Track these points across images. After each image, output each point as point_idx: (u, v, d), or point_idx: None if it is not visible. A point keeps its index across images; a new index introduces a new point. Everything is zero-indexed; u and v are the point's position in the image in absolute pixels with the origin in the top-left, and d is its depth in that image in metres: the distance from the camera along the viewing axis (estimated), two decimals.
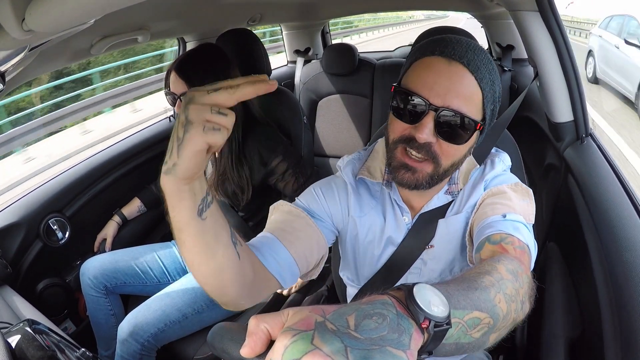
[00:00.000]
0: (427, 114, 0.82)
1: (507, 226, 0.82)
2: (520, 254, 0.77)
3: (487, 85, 0.85)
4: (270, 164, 1.58)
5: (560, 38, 1.39)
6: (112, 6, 0.71)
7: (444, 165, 0.88)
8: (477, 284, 0.60)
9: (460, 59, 0.82)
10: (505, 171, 1.02)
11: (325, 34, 3.39)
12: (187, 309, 1.51)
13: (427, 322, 0.46)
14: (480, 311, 0.56)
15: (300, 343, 0.39)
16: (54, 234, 1.72)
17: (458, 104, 0.82)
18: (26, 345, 0.85)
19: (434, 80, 0.82)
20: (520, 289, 0.67)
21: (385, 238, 1.04)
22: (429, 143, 0.84)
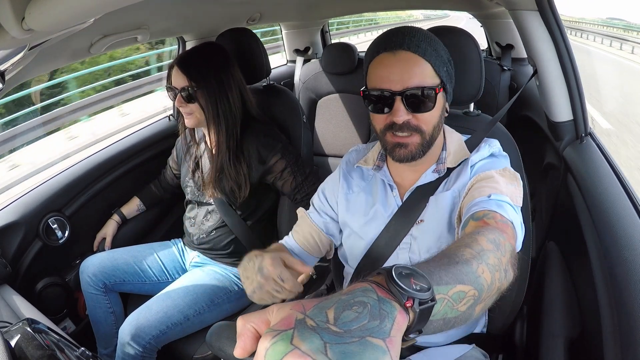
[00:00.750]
0: (395, 100, 0.97)
1: (490, 204, 0.89)
2: (503, 226, 0.82)
3: (431, 56, 0.98)
4: (268, 162, 1.58)
5: (559, 37, 1.39)
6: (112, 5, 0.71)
7: (428, 131, 1.01)
8: (458, 258, 0.63)
9: (401, 46, 0.97)
10: (494, 155, 1.09)
11: (324, 33, 3.39)
12: (189, 310, 1.51)
13: (411, 302, 0.47)
14: (464, 284, 0.58)
15: (279, 344, 0.40)
16: (54, 233, 1.72)
17: (414, 81, 0.96)
18: (26, 345, 0.85)
19: (388, 72, 0.97)
20: (503, 257, 0.70)
21: (373, 214, 1.14)
22: (407, 120, 0.99)
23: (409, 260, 1.09)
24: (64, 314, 1.73)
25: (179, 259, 1.81)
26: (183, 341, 1.53)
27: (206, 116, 1.55)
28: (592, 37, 23.02)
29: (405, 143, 1.00)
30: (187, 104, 1.53)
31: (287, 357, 0.38)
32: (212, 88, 1.52)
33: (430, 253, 1.06)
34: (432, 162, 1.10)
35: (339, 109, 2.52)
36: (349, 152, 1.27)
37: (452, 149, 1.10)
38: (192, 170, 1.72)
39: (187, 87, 1.50)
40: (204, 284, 1.60)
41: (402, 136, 1.00)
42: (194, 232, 1.73)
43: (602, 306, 0.94)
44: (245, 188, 1.58)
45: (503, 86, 2.40)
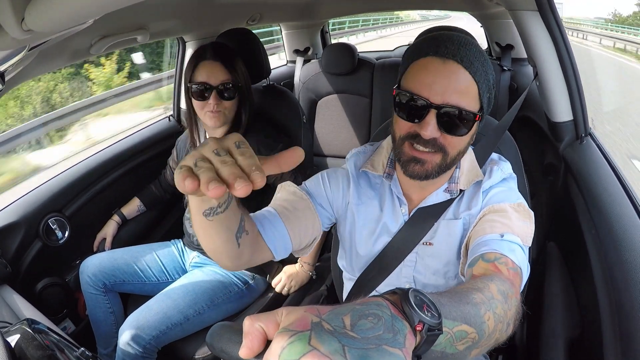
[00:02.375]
0: (429, 112, 0.87)
1: (502, 246, 0.84)
2: (513, 276, 0.79)
3: (481, 77, 0.89)
4: None
5: (559, 37, 1.39)
6: (111, 6, 0.71)
7: (451, 155, 0.93)
8: (469, 299, 0.62)
9: (454, 56, 0.87)
10: (506, 180, 1.03)
11: (324, 33, 3.39)
12: (189, 310, 1.51)
13: (421, 325, 0.47)
14: (469, 325, 0.58)
15: (297, 344, 0.39)
16: (54, 233, 1.72)
17: (456, 100, 0.86)
18: (26, 345, 0.85)
19: (432, 80, 0.87)
20: (509, 310, 0.69)
21: (380, 227, 1.08)
22: (434, 138, 0.89)
23: (412, 279, 1.07)
24: (63, 314, 1.73)
25: (179, 259, 1.81)
26: (183, 342, 1.53)
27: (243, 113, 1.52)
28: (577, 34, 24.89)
29: (423, 160, 0.92)
30: (223, 101, 1.48)
31: (305, 357, 0.38)
32: (246, 84, 1.50)
33: (436, 276, 1.04)
34: (444, 180, 1.04)
35: (338, 110, 2.52)
36: (356, 154, 1.15)
37: (465, 167, 1.04)
38: None
39: (227, 82, 1.46)
40: (204, 284, 1.60)
41: (422, 151, 0.91)
42: (194, 232, 1.72)
43: (602, 306, 0.94)
44: None
45: (503, 86, 2.39)
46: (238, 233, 0.84)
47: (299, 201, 1.06)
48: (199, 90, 1.49)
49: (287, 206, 1.04)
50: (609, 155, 1.39)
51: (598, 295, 0.96)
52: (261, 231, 0.97)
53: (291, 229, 1.00)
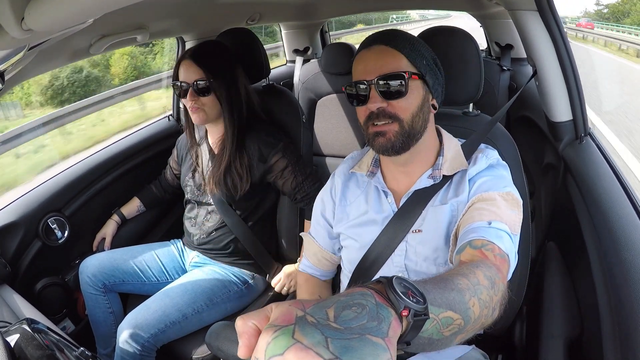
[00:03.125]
0: (370, 89, 1.01)
1: (490, 233, 0.88)
2: (500, 262, 0.82)
3: (406, 49, 1.02)
4: (269, 161, 1.58)
5: (559, 37, 1.39)
6: (111, 5, 0.71)
7: (406, 119, 1.01)
8: (454, 285, 0.64)
9: (375, 41, 1.03)
10: (492, 166, 1.07)
11: (324, 33, 3.39)
12: (187, 309, 1.51)
13: (407, 311, 0.48)
14: (454, 312, 0.59)
15: (281, 338, 0.40)
16: (53, 233, 1.72)
17: (386, 69, 0.99)
18: (25, 345, 0.85)
19: (364, 65, 1.03)
20: (495, 296, 0.71)
21: (367, 219, 1.15)
22: (382, 108, 1.01)
23: (404, 267, 1.10)
24: (63, 314, 1.73)
25: (179, 259, 1.81)
26: (182, 341, 1.53)
27: (222, 108, 1.54)
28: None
29: (383, 131, 1.01)
30: (200, 97, 1.51)
31: (289, 351, 0.39)
32: (226, 79, 1.52)
33: (427, 263, 1.07)
34: (427, 166, 1.10)
35: (338, 109, 2.52)
36: (345, 161, 1.28)
37: (449, 155, 1.10)
38: (192, 169, 1.72)
39: (200, 79, 1.49)
40: (203, 283, 1.60)
41: (379, 125, 1.02)
42: (195, 232, 1.73)
43: (602, 306, 0.94)
44: (246, 181, 1.58)
45: (502, 86, 2.40)
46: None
47: (322, 256, 1.32)
48: (179, 89, 1.54)
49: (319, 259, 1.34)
50: (608, 155, 1.39)
51: (598, 295, 0.97)
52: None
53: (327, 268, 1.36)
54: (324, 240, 1.29)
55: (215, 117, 1.57)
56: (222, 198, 1.64)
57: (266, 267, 1.74)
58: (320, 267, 1.34)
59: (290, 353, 0.39)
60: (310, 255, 1.34)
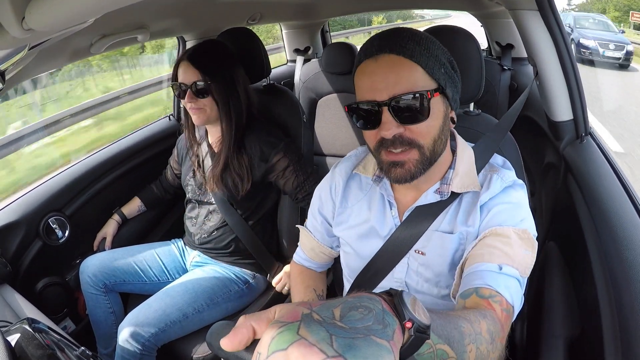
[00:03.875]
0: (382, 112, 0.85)
1: (499, 282, 0.80)
2: (505, 319, 0.77)
3: (421, 56, 0.86)
4: (270, 160, 1.58)
5: (559, 37, 1.39)
6: (112, 5, 0.71)
7: (427, 145, 0.88)
8: (457, 325, 0.62)
9: (382, 50, 0.86)
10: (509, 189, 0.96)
11: (325, 32, 3.39)
12: (188, 309, 1.51)
13: (410, 324, 0.47)
14: (451, 348, 0.57)
15: (286, 333, 0.40)
16: (54, 232, 1.72)
17: (402, 88, 0.84)
18: (26, 344, 0.85)
19: (371, 81, 0.86)
20: (492, 352, 0.68)
21: (369, 229, 1.07)
22: (399, 134, 0.86)
23: (404, 283, 1.05)
24: (64, 314, 1.73)
25: (180, 258, 1.81)
26: (182, 341, 1.53)
27: (219, 110, 1.54)
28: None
29: (401, 161, 0.89)
30: (198, 99, 1.51)
31: (293, 346, 0.38)
32: (224, 81, 1.52)
33: (429, 284, 1.02)
34: (435, 180, 1.00)
35: (339, 109, 2.52)
36: (347, 159, 1.18)
37: (461, 169, 0.98)
38: (193, 169, 1.72)
39: (199, 81, 1.49)
40: (203, 282, 1.60)
41: (396, 153, 0.88)
42: (195, 231, 1.73)
43: (602, 306, 0.94)
44: (247, 181, 1.58)
45: (503, 86, 2.40)
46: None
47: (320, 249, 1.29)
48: (178, 89, 1.53)
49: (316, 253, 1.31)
50: (609, 155, 1.39)
51: (598, 295, 0.96)
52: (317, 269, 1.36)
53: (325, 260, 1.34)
54: (322, 236, 1.26)
55: (215, 118, 1.57)
56: (223, 197, 1.64)
57: (267, 267, 1.74)
58: (317, 260, 1.32)
59: (294, 348, 0.38)
60: (307, 249, 1.31)
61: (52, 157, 5.03)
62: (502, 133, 1.15)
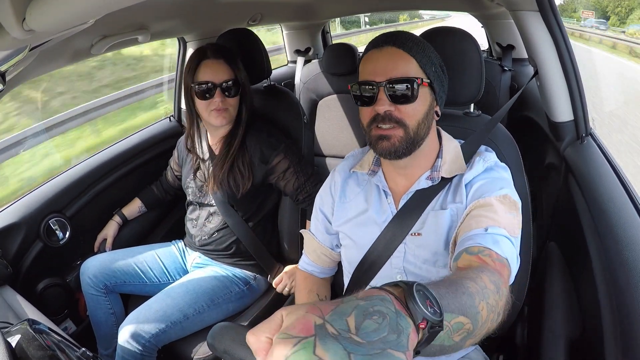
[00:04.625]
0: (379, 91, 1.00)
1: (487, 239, 0.87)
2: (500, 267, 0.82)
3: (417, 53, 1.01)
4: (271, 162, 1.58)
5: (560, 38, 1.39)
6: (112, 6, 0.71)
7: (411, 126, 1.01)
8: (464, 289, 0.64)
9: (386, 43, 1.01)
10: (490, 169, 1.06)
11: (325, 33, 3.39)
12: (188, 309, 1.51)
13: (425, 323, 0.48)
14: (465, 316, 0.60)
15: (302, 353, 0.39)
16: (54, 234, 1.72)
17: (397, 73, 0.99)
18: (26, 345, 0.85)
19: (373, 66, 1.01)
20: (500, 301, 0.71)
21: (366, 218, 1.15)
22: (389, 112, 1.00)
23: (402, 269, 1.10)
24: (64, 315, 1.73)
25: (180, 260, 1.81)
26: (183, 341, 1.53)
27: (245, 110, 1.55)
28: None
29: (387, 135, 1.01)
30: (227, 98, 1.50)
31: None
32: (246, 81, 1.54)
33: (426, 265, 1.07)
34: (426, 168, 1.10)
35: (339, 110, 2.52)
36: (346, 159, 1.28)
37: (448, 157, 1.10)
38: (193, 171, 1.72)
39: (230, 80, 1.49)
40: (204, 283, 1.60)
41: (385, 128, 1.01)
42: (196, 233, 1.73)
43: (603, 306, 0.94)
44: (248, 179, 1.58)
45: (504, 87, 2.40)
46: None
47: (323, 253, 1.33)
48: (203, 90, 1.50)
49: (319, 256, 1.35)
50: (609, 155, 1.39)
51: (599, 295, 0.96)
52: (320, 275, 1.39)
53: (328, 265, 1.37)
54: (323, 235, 1.30)
55: (235, 117, 1.57)
56: (224, 199, 1.63)
57: (268, 268, 1.74)
58: (319, 263, 1.35)
59: None
60: (310, 252, 1.35)
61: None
62: (490, 126, 1.20)
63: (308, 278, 1.38)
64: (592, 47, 14.35)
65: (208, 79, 1.49)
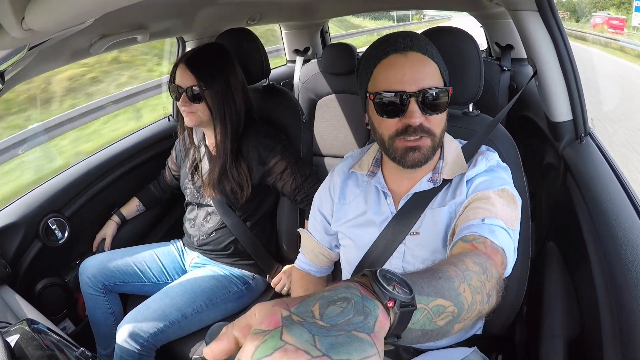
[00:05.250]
0: (410, 102, 0.95)
1: (483, 229, 0.88)
2: (491, 252, 0.81)
3: (436, 57, 1.00)
4: (268, 163, 1.58)
5: (559, 38, 1.39)
6: (111, 5, 0.71)
7: (438, 134, 1.00)
8: (441, 273, 0.63)
9: (412, 47, 0.97)
10: (492, 169, 1.06)
11: (324, 33, 3.39)
12: (187, 309, 1.51)
13: (392, 302, 0.48)
14: (444, 299, 0.59)
15: (269, 341, 0.40)
16: (53, 233, 1.71)
17: (427, 82, 0.95)
18: (25, 345, 0.85)
19: (402, 73, 0.95)
20: (487, 282, 0.71)
21: (365, 219, 1.14)
22: (421, 123, 0.97)
23: (402, 269, 1.09)
24: (63, 315, 1.73)
25: (179, 259, 1.81)
26: (181, 341, 1.53)
27: (213, 117, 1.54)
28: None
29: (418, 146, 0.98)
30: (192, 104, 1.52)
31: (278, 352, 0.39)
32: (220, 89, 1.52)
33: (425, 264, 1.06)
34: (428, 170, 1.09)
35: (338, 110, 2.52)
36: (344, 159, 1.26)
37: (449, 158, 1.09)
38: (191, 172, 1.72)
39: (194, 86, 1.49)
40: (202, 283, 1.60)
41: (414, 140, 0.98)
42: (194, 233, 1.73)
43: (602, 306, 0.94)
44: (247, 188, 1.58)
45: (503, 86, 2.40)
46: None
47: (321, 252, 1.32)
48: (175, 92, 1.54)
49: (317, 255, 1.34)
50: (608, 155, 1.39)
51: (598, 295, 0.96)
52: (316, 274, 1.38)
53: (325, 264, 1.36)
54: (321, 235, 1.29)
55: (208, 122, 1.57)
56: (222, 199, 1.64)
57: (266, 268, 1.74)
58: (316, 262, 1.34)
59: (279, 353, 0.38)
60: (308, 252, 1.35)
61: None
62: (491, 127, 1.20)
63: (304, 277, 1.38)
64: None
65: (177, 82, 1.52)
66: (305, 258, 1.36)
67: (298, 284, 1.39)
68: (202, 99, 1.51)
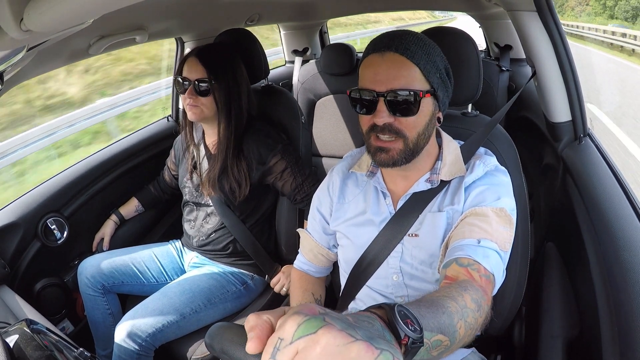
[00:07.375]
0: (379, 101, 0.96)
1: (477, 253, 0.89)
2: (485, 284, 0.85)
3: (421, 59, 0.96)
4: (268, 163, 1.58)
5: (558, 38, 1.39)
6: (110, 6, 0.71)
7: (411, 137, 0.99)
8: (444, 309, 0.67)
9: (389, 48, 0.96)
10: (490, 174, 1.06)
11: (323, 33, 3.39)
12: (185, 309, 1.51)
13: (406, 339, 0.52)
14: (444, 334, 0.63)
15: (313, 321, 0.43)
16: (52, 233, 1.71)
17: (399, 84, 0.94)
18: (24, 345, 0.85)
19: (375, 73, 0.97)
20: (479, 318, 0.75)
21: (365, 219, 1.15)
22: (389, 123, 0.97)
23: (399, 268, 1.10)
24: (62, 315, 1.73)
25: (178, 260, 1.81)
26: (180, 341, 1.53)
27: (218, 111, 1.55)
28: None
29: (386, 148, 0.99)
30: (198, 97, 1.52)
31: (322, 329, 0.42)
32: (228, 84, 1.53)
33: (423, 266, 1.07)
34: (425, 170, 1.09)
35: (336, 110, 2.51)
36: (344, 159, 1.27)
37: (448, 160, 1.09)
38: (190, 171, 1.72)
39: (204, 79, 1.50)
40: (201, 283, 1.60)
41: (384, 140, 0.99)
42: (194, 234, 1.73)
43: (601, 306, 0.94)
44: (245, 186, 1.58)
45: (501, 87, 2.40)
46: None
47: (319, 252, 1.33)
48: (181, 85, 1.54)
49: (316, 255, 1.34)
50: (607, 156, 1.39)
51: (596, 296, 0.97)
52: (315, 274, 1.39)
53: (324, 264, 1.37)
54: (320, 235, 1.30)
55: (211, 117, 1.58)
56: (221, 200, 1.64)
57: (265, 268, 1.74)
58: (315, 263, 1.35)
59: (324, 331, 0.41)
60: (306, 252, 1.35)
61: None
62: (489, 127, 1.19)
63: (303, 277, 1.38)
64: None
65: (185, 74, 1.53)
66: (304, 258, 1.36)
67: (297, 284, 1.38)
68: (209, 93, 1.52)
